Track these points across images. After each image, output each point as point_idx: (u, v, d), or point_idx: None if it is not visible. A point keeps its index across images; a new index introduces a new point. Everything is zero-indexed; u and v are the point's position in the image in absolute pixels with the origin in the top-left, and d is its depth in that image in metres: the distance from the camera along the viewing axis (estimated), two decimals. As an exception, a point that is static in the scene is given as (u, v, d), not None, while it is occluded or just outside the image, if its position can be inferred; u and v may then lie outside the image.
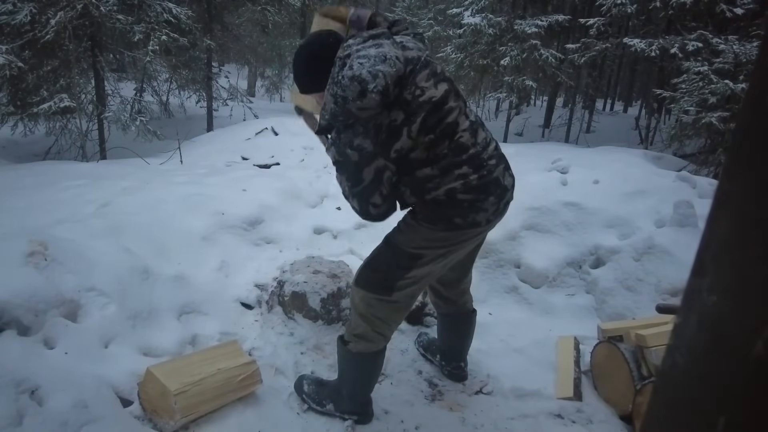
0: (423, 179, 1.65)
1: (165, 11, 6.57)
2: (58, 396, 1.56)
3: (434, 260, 1.74)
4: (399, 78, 1.57)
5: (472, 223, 1.67)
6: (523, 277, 2.99)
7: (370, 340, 1.84)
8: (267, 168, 4.84)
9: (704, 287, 0.38)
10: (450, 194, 1.64)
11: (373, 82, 1.49)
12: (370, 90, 1.49)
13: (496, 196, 1.69)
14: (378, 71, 1.50)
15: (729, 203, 0.38)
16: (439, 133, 1.63)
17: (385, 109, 1.56)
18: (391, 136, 1.58)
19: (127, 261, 2.29)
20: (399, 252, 1.75)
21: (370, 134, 1.57)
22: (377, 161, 1.59)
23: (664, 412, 0.44)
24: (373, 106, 1.52)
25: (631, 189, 3.30)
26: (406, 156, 1.62)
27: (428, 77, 1.64)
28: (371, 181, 1.62)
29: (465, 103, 1.74)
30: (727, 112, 5.29)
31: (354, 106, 1.52)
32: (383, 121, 1.57)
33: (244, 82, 14.19)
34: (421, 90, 1.61)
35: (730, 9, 6.19)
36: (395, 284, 1.76)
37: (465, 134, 1.67)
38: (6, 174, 4.12)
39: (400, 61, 1.57)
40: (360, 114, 1.54)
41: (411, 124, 1.58)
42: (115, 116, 6.27)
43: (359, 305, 1.83)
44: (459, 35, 8.68)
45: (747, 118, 0.37)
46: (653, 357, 1.96)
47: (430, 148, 1.63)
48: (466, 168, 1.65)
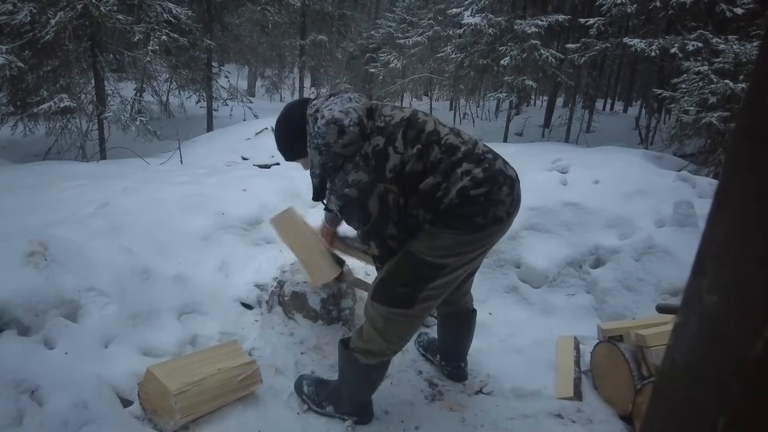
0: (430, 191, 1.63)
1: (165, 11, 6.58)
2: (58, 396, 1.55)
3: (458, 268, 1.70)
4: (368, 110, 1.72)
5: (494, 218, 1.64)
6: (523, 277, 2.99)
7: (382, 355, 1.81)
8: (267, 168, 4.84)
9: (704, 287, 0.38)
10: (462, 194, 1.61)
11: (347, 118, 1.64)
12: (347, 125, 1.63)
13: (508, 185, 1.68)
14: (348, 108, 1.67)
15: (729, 203, 0.38)
16: (425, 142, 1.67)
17: (366, 140, 1.67)
18: (380, 159, 1.63)
19: (127, 261, 2.29)
20: (421, 262, 1.68)
21: (360, 166, 1.64)
22: (377, 188, 1.63)
23: (664, 412, 0.44)
24: (354, 140, 1.64)
25: (631, 189, 3.31)
26: (402, 172, 1.64)
27: (391, 108, 1.78)
28: (378, 211, 1.65)
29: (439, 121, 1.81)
30: (727, 112, 5.29)
31: (337, 146, 1.65)
32: (367, 150, 1.65)
33: (244, 82, 14.20)
34: (391, 116, 1.73)
35: (730, 9, 6.19)
36: (417, 296, 1.71)
37: (449, 136, 1.71)
38: (6, 174, 4.12)
39: (363, 100, 1.76)
40: (345, 152, 1.65)
41: (394, 142, 1.65)
42: (115, 116, 6.27)
43: (377, 320, 1.77)
44: (459, 35, 8.68)
45: (747, 118, 0.37)
46: (653, 357, 1.96)
47: (423, 156, 1.65)
48: (467, 164, 1.64)
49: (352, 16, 12.92)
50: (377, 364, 1.84)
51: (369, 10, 15.59)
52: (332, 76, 11.90)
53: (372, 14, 16.31)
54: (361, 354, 1.81)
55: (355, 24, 13.48)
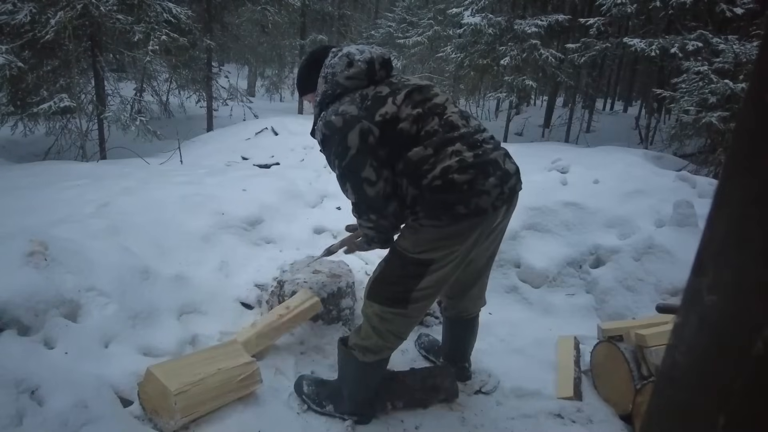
0: (417, 161, 1.60)
1: (165, 11, 6.58)
2: (58, 396, 1.55)
3: (445, 264, 1.66)
4: (384, 60, 1.76)
5: (476, 209, 1.58)
6: (523, 277, 2.99)
7: (378, 353, 1.82)
8: (267, 168, 4.84)
9: (704, 287, 0.38)
10: (445, 175, 1.56)
11: (360, 54, 1.72)
12: (357, 59, 1.71)
13: (496, 177, 1.62)
14: (365, 49, 1.76)
15: (729, 203, 0.38)
16: (427, 110, 1.66)
17: (371, 84, 1.71)
18: (376, 103, 1.64)
19: (127, 261, 2.29)
20: (407, 260, 1.68)
21: (356, 101, 1.66)
22: (361, 123, 1.60)
23: (664, 411, 0.44)
24: (358, 74, 1.70)
25: (631, 189, 3.30)
26: (392, 125, 1.61)
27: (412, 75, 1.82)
28: (358, 148, 1.60)
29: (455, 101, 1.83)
30: (727, 112, 5.29)
31: (341, 76, 1.70)
32: (368, 92, 1.68)
33: (244, 82, 14.19)
34: (407, 79, 1.78)
35: (730, 9, 6.20)
36: (410, 296, 1.70)
37: (454, 115, 1.70)
38: (6, 174, 4.12)
39: (386, 54, 1.80)
40: (347, 83, 1.70)
41: (396, 95, 1.66)
42: (115, 116, 6.27)
43: (373, 319, 1.77)
44: (459, 35, 8.68)
45: (747, 118, 0.37)
46: (653, 357, 1.96)
47: (419, 121, 1.63)
48: (460, 145, 1.62)
49: (352, 16, 12.92)
50: (375, 362, 1.84)
51: (369, 10, 15.59)
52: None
53: (372, 14, 16.31)
54: (359, 351, 1.82)
55: (355, 24, 13.48)
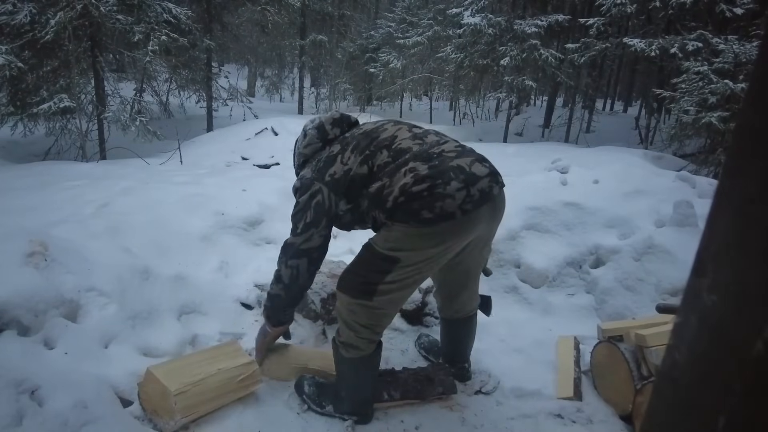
0: (376, 191, 1.70)
1: (165, 11, 6.58)
2: (58, 396, 1.55)
3: (413, 264, 1.68)
4: (334, 120, 1.98)
5: (441, 213, 1.58)
6: (523, 277, 2.99)
7: (357, 347, 1.82)
8: (267, 168, 4.85)
9: (704, 287, 0.38)
10: (404, 191, 1.62)
11: (311, 123, 1.99)
12: (308, 129, 1.97)
13: (459, 180, 1.61)
14: (316, 118, 2.01)
15: (729, 203, 0.38)
16: (374, 147, 1.77)
17: (327, 145, 1.92)
18: (327, 164, 1.82)
19: (127, 261, 2.29)
20: (375, 254, 1.72)
21: (311, 166, 1.87)
22: (313, 185, 1.81)
23: (664, 412, 0.44)
24: (312, 141, 1.95)
25: (631, 189, 3.30)
26: (344, 178, 1.77)
27: (372, 124, 1.93)
28: (304, 204, 1.82)
29: (413, 126, 1.90)
30: (727, 112, 5.29)
31: (300, 147, 1.98)
32: (323, 154, 1.88)
33: (243, 82, 14.20)
34: (360, 129, 1.91)
35: (729, 9, 6.20)
36: (375, 288, 1.71)
37: (405, 141, 1.77)
38: (6, 174, 4.12)
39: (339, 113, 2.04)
40: (305, 152, 1.96)
41: (344, 152, 1.81)
42: (115, 116, 6.27)
43: (342, 311, 1.81)
44: (459, 35, 8.68)
45: (747, 118, 0.37)
46: (653, 357, 1.96)
47: (367, 160, 1.75)
48: (413, 163, 1.67)
49: (352, 16, 12.92)
50: (360, 358, 1.84)
51: (369, 10, 15.58)
52: (332, 76, 11.90)
53: (372, 14, 16.30)
54: (342, 348, 1.84)
55: (355, 24, 13.48)
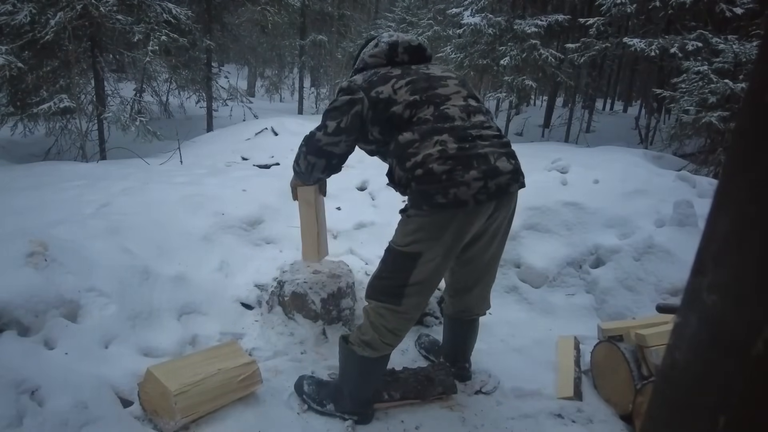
0: (404, 144, 1.69)
1: (165, 11, 6.57)
2: (58, 396, 1.56)
3: (433, 258, 1.70)
4: (410, 46, 1.94)
5: (455, 200, 1.60)
6: (523, 277, 2.99)
7: (376, 349, 1.83)
8: (267, 168, 4.84)
9: (704, 287, 0.38)
10: (425, 163, 1.62)
11: (388, 38, 1.95)
12: (382, 41, 1.95)
13: (479, 171, 1.62)
14: (394, 34, 1.98)
15: (729, 203, 0.38)
16: (425, 98, 1.74)
17: (390, 65, 1.89)
18: (378, 81, 1.79)
19: (127, 261, 2.29)
20: (396, 254, 1.75)
21: (367, 75, 1.84)
22: (356, 93, 1.79)
23: (664, 411, 0.44)
24: (380, 54, 1.92)
25: (631, 189, 3.30)
26: (385, 105, 1.74)
27: (442, 68, 1.90)
28: (340, 106, 1.80)
29: (473, 96, 1.84)
30: (727, 112, 5.29)
31: (367, 53, 1.96)
32: (381, 70, 1.85)
33: (243, 83, 14.19)
34: (427, 67, 1.88)
35: (729, 9, 6.19)
36: (403, 291, 1.74)
37: (454, 108, 1.74)
38: (6, 174, 4.12)
39: (418, 40, 1.98)
40: (370, 61, 1.94)
41: (400, 79, 1.79)
42: (115, 116, 6.26)
43: (371, 314, 1.83)
44: (459, 35, 8.68)
45: (747, 118, 0.37)
46: (653, 356, 1.96)
47: (412, 107, 1.73)
48: (447, 136, 1.66)
49: (352, 16, 12.92)
50: (374, 358, 1.85)
51: (369, 10, 15.58)
52: (332, 76, 11.90)
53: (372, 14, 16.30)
54: (358, 346, 1.85)
55: (355, 24, 13.47)
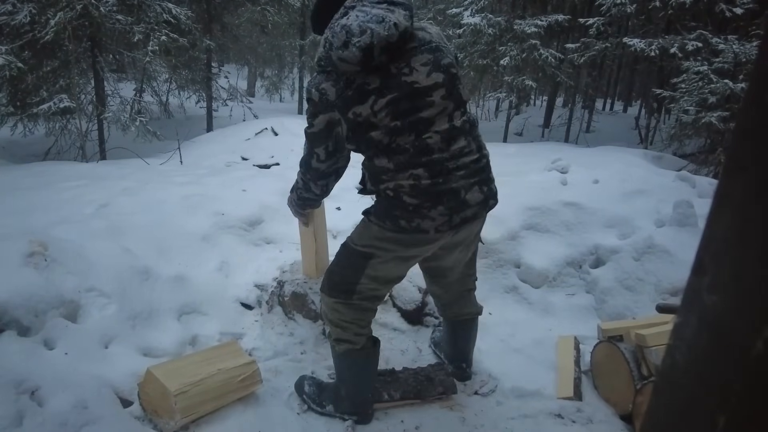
0: (379, 170, 1.65)
1: (165, 11, 6.57)
2: (58, 396, 1.56)
3: (388, 262, 1.74)
4: (389, 44, 1.51)
5: (417, 228, 1.63)
6: (523, 277, 2.99)
7: (348, 341, 1.85)
8: (267, 168, 4.84)
9: (704, 287, 0.38)
10: (397, 192, 1.63)
11: (359, 37, 1.48)
12: (353, 43, 1.48)
13: (446, 207, 1.62)
14: (368, 28, 1.48)
15: (729, 203, 0.38)
16: (408, 124, 1.57)
17: (365, 71, 1.55)
18: (356, 98, 1.56)
19: (127, 261, 2.29)
20: (351, 251, 1.78)
21: (339, 86, 1.57)
22: (332, 113, 1.61)
23: (664, 411, 0.44)
24: (353, 60, 1.50)
25: (631, 189, 3.31)
26: (364, 128, 1.58)
27: (426, 63, 1.58)
28: (320, 131, 1.67)
29: (459, 107, 1.66)
30: (727, 112, 5.29)
31: (336, 54, 1.52)
32: (357, 80, 1.56)
33: (243, 83, 14.18)
34: (410, 69, 1.56)
35: (729, 9, 6.20)
36: (355, 287, 1.77)
37: (435, 137, 1.59)
38: (6, 174, 4.12)
39: (398, 30, 1.51)
40: (339, 65, 1.54)
41: (380, 97, 1.55)
42: (115, 117, 6.26)
43: (327, 312, 1.86)
44: (459, 35, 8.68)
45: (747, 118, 0.37)
46: (653, 356, 1.96)
47: (393, 134, 1.58)
48: (422, 171, 1.59)
49: (352, 16, 12.89)
50: (350, 351, 1.86)
51: (369, 10, 15.57)
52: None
53: (372, 14, 16.29)
54: (335, 344, 1.87)
55: (354, 24, 13.45)
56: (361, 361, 1.91)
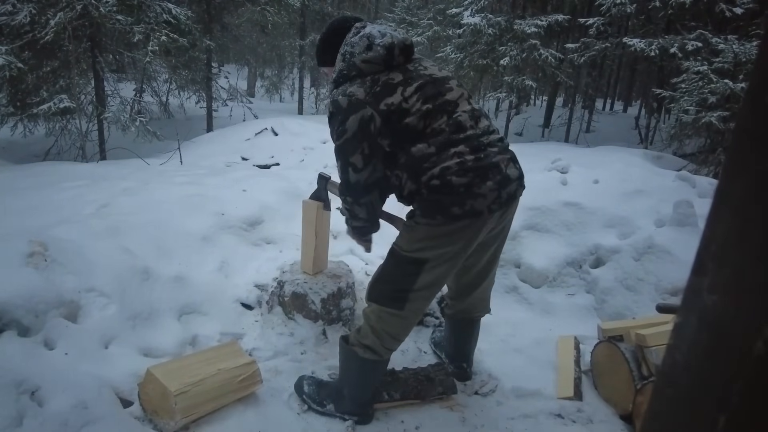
0: (419, 158, 1.62)
1: (165, 12, 6.57)
2: (58, 397, 1.56)
3: (440, 264, 1.68)
4: (405, 47, 1.73)
5: (471, 211, 1.60)
6: (523, 277, 2.99)
7: (377, 353, 1.83)
8: (267, 168, 4.85)
9: (704, 287, 0.38)
10: (444, 176, 1.59)
11: (381, 39, 1.70)
12: (377, 44, 1.69)
13: (495, 182, 1.63)
14: (387, 32, 1.74)
15: (729, 202, 0.38)
16: (437, 107, 1.66)
17: (387, 69, 1.70)
18: (385, 90, 1.65)
19: (127, 261, 2.29)
20: (402, 259, 1.71)
21: (366, 85, 1.66)
22: (364, 110, 1.63)
23: (664, 411, 0.44)
24: (376, 59, 1.68)
25: (631, 189, 3.30)
26: (398, 116, 1.62)
27: (434, 64, 1.81)
28: (354, 134, 1.64)
29: (471, 96, 1.81)
30: (726, 112, 5.29)
31: (359, 58, 1.69)
32: (381, 78, 1.68)
33: (243, 83, 14.20)
34: (424, 68, 1.75)
35: (729, 9, 6.20)
36: (407, 296, 1.72)
37: (464, 115, 1.69)
38: (6, 175, 4.12)
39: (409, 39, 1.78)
40: (363, 67, 1.69)
41: (407, 86, 1.67)
42: (115, 117, 6.26)
43: (371, 317, 1.81)
44: (459, 35, 8.68)
45: (747, 118, 0.37)
46: (653, 356, 1.96)
47: (427, 118, 1.64)
48: (463, 147, 1.63)
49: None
50: (375, 361, 1.85)
51: (368, 10, 15.57)
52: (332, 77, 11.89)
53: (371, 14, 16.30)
54: (359, 348, 1.84)
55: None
56: (374, 368, 1.90)
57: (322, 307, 2.41)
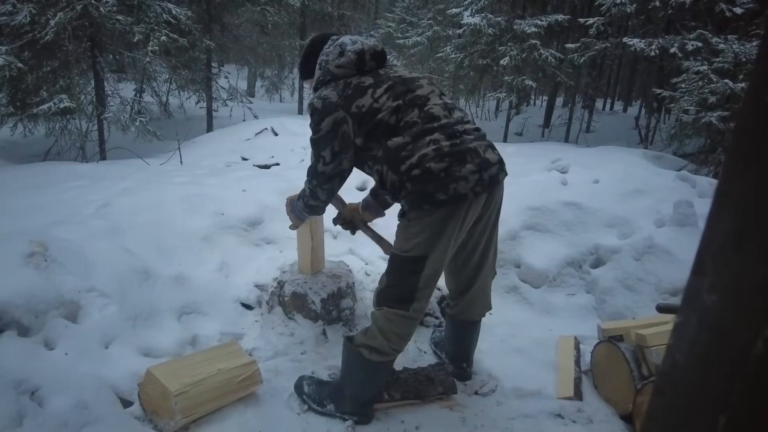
0: (396, 149, 1.69)
1: (165, 12, 6.57)
2: (58, 397, 1.55)
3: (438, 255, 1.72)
4: (376, 52, 1.88)
5: (455, 195, 1.63)
6: (523, 277, 2.99)
7: (384, 353, 1.84)
8: (267, 168, 4.84)
9: (704, 287, 0.38)
10: (422, 163, 1.64)
11: (352, 45, 1.85)
12: (348, 50, 1.84)
13: (474, 164, 1.67)
14: (357, 40, 1.89)
15: (729, 202, 0.38)
16: (408, 101, 1.76)
17: (359, 73, 1.84)
18: (356, 93, 1.77)
19: (127, 261, 2.29)
20: (402, 260, 1.76)
21: (338, 89, 1.79)
22: (336, 113, 1.76)
23: (664, 411, 0.44)
24: (348, 64, 1.83)
25: (631, 189, 3.30)
26: (370, 116, 1.74)
27: (404, 68, 1.93)
28: (327, 132, 1.78)
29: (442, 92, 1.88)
30: (727, 112, 5.30)
31: (332, 64, 1.85)
32: (353, 81, 1.81)
33: (243, 83, 14.19)
34: (395, 71, 1.87)
35: (729, 8, 6.20)
36: (413, 295, 1.76)
37: (436, 107, 1.77)
38: (6, 175, 4.12)
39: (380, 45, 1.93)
40: (336, 71, 1.84)
41: (377, 88, 1.78)
42: (115, 117, 6.27)
43: (380, 319, 1.83)
44: (459, 35, 8.68)
45: (747, 118, 0.37)
46: (653, 356, 1.96)
47: (398, 112, 1.74)
48: (438, 134, 1.69)
49: (352, 16, 12.92)
50: (381, 362, 1.86)
51: (368, 10, 15.58)
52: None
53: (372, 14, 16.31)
54: (365, 349, 1.85)
55: (354, 24, 13.47)
56: (380, 370, 1.90)
57: (322, 307, 2.41)
